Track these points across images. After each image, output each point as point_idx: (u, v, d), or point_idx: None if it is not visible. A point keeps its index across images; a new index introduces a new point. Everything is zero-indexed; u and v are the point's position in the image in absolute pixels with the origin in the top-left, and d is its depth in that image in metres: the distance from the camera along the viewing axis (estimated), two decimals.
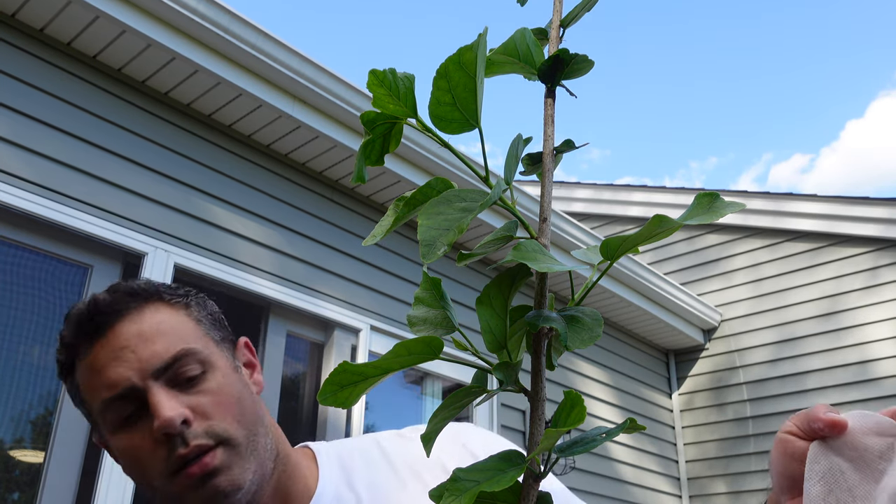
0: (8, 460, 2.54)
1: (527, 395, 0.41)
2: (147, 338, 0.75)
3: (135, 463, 0.74)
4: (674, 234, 0.40)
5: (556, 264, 0.38)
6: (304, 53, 3.13)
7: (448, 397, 0.44)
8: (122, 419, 0.74)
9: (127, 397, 0.73)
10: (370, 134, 0.46)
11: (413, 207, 0.43)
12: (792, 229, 5.49)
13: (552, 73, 0.45)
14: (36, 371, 2.58)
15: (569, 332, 0.39)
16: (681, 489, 5.55)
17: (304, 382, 3.45)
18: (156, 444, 0.72)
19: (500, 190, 0.40)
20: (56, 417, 2.54)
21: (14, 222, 2.60)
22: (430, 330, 0.43)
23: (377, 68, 0.43)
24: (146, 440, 0.72)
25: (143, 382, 0.73)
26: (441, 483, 0.39)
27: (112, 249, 2.80)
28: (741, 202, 0.40)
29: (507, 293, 0.43)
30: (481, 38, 0.41)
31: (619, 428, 0.39)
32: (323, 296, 3.39)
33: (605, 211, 6.37)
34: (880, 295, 5.07)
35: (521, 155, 0.46)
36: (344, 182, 3.62)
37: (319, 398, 0.44)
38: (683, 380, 5.84)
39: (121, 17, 2.71)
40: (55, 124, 2.73)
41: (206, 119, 3.21)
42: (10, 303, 2.58)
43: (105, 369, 0.74)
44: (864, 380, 5.00)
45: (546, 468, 0.40)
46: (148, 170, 2.96)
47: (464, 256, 0.41)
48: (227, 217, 3.15)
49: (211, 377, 0.76)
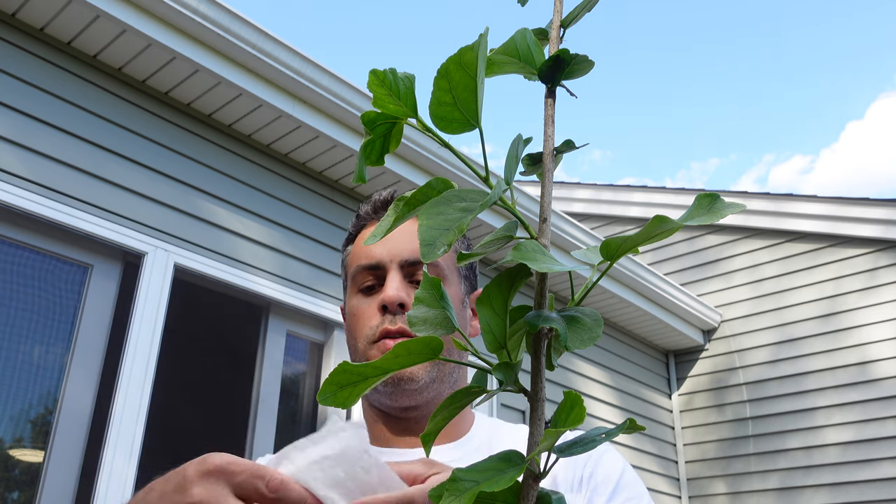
0: (7, 460, 2.54)
1: (526, 396, 0.41)
2: (411, 235, 0.92)
3: (355, 322, 0.92)
4: (674, 234, 0.40)
5: (556, 264, 0.38)
6: (304, 53, 3.13)
7: (448, 397, 0.44)
8: (363, 286, 0.93)
9: (374, 270, 0.92)
10: (370, 134, 0.46)
11: (413, 207, 0.43)
12: (792, 230, 5.49)
13: (552, 73, 0.45)
14: (36, 370, 2.58)
15: (569, 333, 0.39)
16: (680, 490, 5.55)
17: (304, 382, 3.45)
18: (375, 312, 0.90)
19: (500, 190, 0.40)
20: (56, 417, 2.54)
21: (14, 222, 2.60)
22: (429, 330, 0.43)
23: (377, 68, 0.43)
24: (371, 307, 0.90)
25: (390, 264, 0.91)
26: (441, 483, 0.39)
27: (112, 249, 2.80)
28: (741, 203, 0.40)
29: (507, 293, 0.43)
30: (482, 39, 0.41)
31: (618, 428, 0.39)
32: (323, 296, 3.39)
33: (605, 211, 6.37)
34: (880, 296, 5.07)
35: (521, 155, 0.46)
36: (344, 182, 3.62)
37: (319, 398, 0.44)
38: (683, 380, 5.84)
39: (121, 17, 2.71)
40: (55, 124, 2.73)
41: (206, 119, 3.21)
42: (10, 302, 2.58)
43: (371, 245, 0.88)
44: (863, 380, 5.00)
45: (546, 468, 0.40)
46: (148, 169, 2.96)
47: (464, 256, 0.41)
48: (227, 217, 3.16)
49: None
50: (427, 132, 0.44)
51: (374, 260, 0.92)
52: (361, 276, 0.93)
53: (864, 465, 4.87)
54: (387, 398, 0.89)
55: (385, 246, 0.91)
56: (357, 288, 0.93)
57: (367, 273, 0.92)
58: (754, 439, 5.38)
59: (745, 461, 5.38)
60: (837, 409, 5.07)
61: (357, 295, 0.93)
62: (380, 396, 0.90)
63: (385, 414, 0.92)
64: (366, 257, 0.92)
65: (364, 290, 0.93)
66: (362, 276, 0.93)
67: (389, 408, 0.91)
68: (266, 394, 3.15)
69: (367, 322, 0.90)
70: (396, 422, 0.91)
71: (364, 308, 0.91)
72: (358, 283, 0.93)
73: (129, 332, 2.73)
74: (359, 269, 0.93)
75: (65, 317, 2.68)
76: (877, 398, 4.92)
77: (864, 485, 4.84)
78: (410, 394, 0.88)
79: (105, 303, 2.76)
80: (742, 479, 5.36)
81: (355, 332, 0.92)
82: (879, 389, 4.92)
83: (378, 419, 0.93)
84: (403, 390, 0.88)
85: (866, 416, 4.93)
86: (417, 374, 0.87)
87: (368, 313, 0.90)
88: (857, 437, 4.93)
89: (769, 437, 5.31)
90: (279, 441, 3.16)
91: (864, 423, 4.93)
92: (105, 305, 2.76)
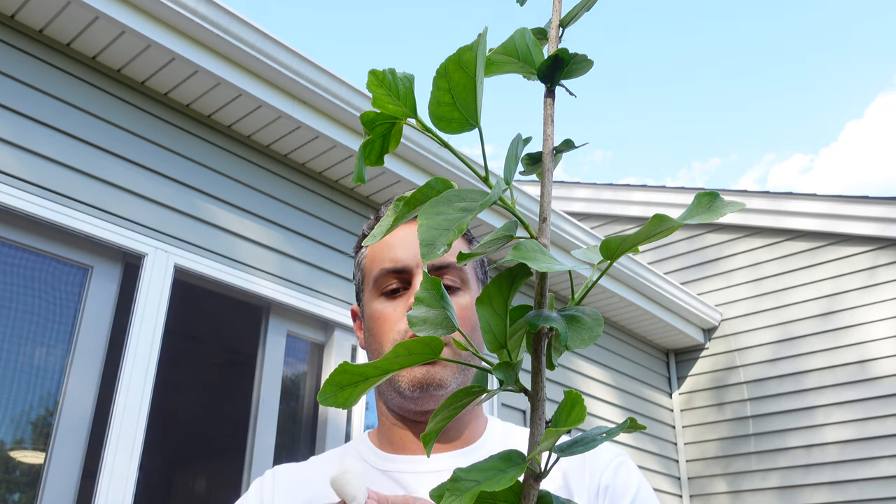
0: (8, 461, 2.54)
1: (527, 395, 0.41)
2: None
3: (378, 326, 0.91)
4: (674, 233, 0.40)
5: (556, 264, 0.38)
6: (303, 54, 3.12)
7: (448, 397, 0.44)
8: (387, 289, 0.92)
9: (399, 273, 0.91)
10: (370, 134, 0.46)
11: (413, 207, 0.43)
12: (792, 228, 5.49)
13: (551, 72, 0.45)
14: (36, 372, 2.58)
15: (569, 332, 0.39)
16: (681, 488, 5.55)
17: (304, 382, 3.45)
18: (401, 317, 0.89)
19: (500, 190, 0.40)
20: (56, 418, 2.54)
21: (14, 223, 2.59)
22: (430, 330, 0.43)
23: (377, 68, 0.43)
24: (396, 312, 0.90)
25: (416, 268, 0.90)
26: (441, 483, 0.39)
27: (112, 250, 2.80)
28: (741, 201, 0.40)
29: (507, 293, 0.43)
30: (481, 38, 0.41)
31: (619, 427, 0.39)
32: (323, 296, 3.39)
33: (604, 210, 6.37)
34: (879, 294, 5.07)
35: (520, 155, 0.46)
36: (344, 182, 3.62)
37: (320, 398, 0.44)
38: (683, 379, 5.84)
39: (120, 18, 2.71)
40: (55, 125, 2.73)
41: (205, 119, 3.21)
42: (10, 304, 2.58)
43: (395, 248, 0.92)
44: (863, 379, 5.00)
45: (547, 468, 0.40)
46: (148, 170, 2.96)
47: (464, 256, 0.41)
48: (227, 217, 3.15)
49: (463, 295, 0.92)
50: (426, 132, 0.44)
51: (400, 264, 0.91)
52: (385, 280, 0.92)
53: (863, 464, 4.87)
54: (412, 403, 0.88)
55: (411, 250, 0.91)
56: (379, 291, 0.92)
57: (392, 276, 0.91)
58: (755, 438, 5.38)
59: (745, 460, 5.39)
60: (837, 407, 5.07)
61: (379, 298, 0.92)
62: (404, 402, 0.89)
63: (404, 418, 0.91)
64: (390, 261, 0.91)
65: (387, 293, 0.92)
66: (386, 279, 0.92)
67: (411, 412, 0.90)
68: (266, 394, 3.15)
69: (393, 327, 0.89)
70: (415, 426, 0.91)
71: (389, 312, 0.90)
72: (381, 287, 0.92)
73: (129, 333, 2.73)
74: (382, 273, 0.92)
75: (65, 318, 2.68)
76: (876, 396, 4.92)
77: (864, 483, 4.84)
78: (437, 399, 0.87)
79: (105, 304, 2.76)
80: (742, 477, 5.37)
81: (380, 336, 0.90)
82: (879, 387, 4.92)
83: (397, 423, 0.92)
84: (431, 396, 0.87)
85: (866, 415, 4.93)
86: (447, 380, 0.87)
87: (394, 317, 0.89)
88: (857, 436, 4.93)
89: (769, 435, 5.31)
90: (279, 442, 3.16)
91: (864, 421, 4.93)
92: (105, 307, 2.76)
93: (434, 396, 0.87)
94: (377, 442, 0.94)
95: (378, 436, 0.95)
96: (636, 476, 0.87)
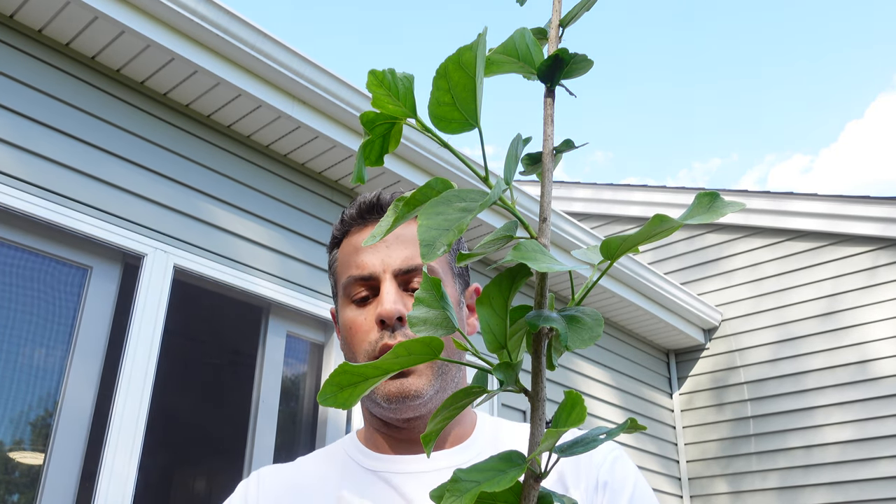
0: (8, 462, 2.54)
1: (527, 396, 0.40)
2: (403, 242, 0.89)
3: (351, 336, 0.88)
4: (674, 233, 0.40)
5: (556, 264, 0.38)
6: (303, 54, 3.12)
7: (448, 398, 0.43)
8: (356, 297, 0.89)
9: (366, 280, 0.88)
10: (370, 134, 0.46)
11: (413, 207, 0.43)
12: (792, 228, 5.49)
13: (551, 72, 0.45)
14: (36, 372, 2.58)
15: (569, 332, 0.39)
16: (681, 489, 5.55)
17: (304, 383, 3.45)
18: (372, 326, 0.86)
19: (500, 190, 0.40)
20: (56, 419, 2.54)
21: (13, 224, 2.59)
22: (430, 330, 0.43)
23: (376, 68, 0.43)
24: (367, 321, 0.87)
25: (383, 274, 0.87)
26: (442, 483, 0.39)
27: (111, 250, 2.80)
28: (741, 201, 0.40)
29: (507, 293, 0.42)
30: (481, 38, 0.41)
31: (619, 428, 0.39)
32: (323, 296, 3.38)
33: (605, 211, 6.37)
34: (880, 294, 5.07)
35: (520, 155, 0.46)
36: (344, 182, 3.62)
37: (319, 399, 0.44)
38: (684, 379, 5.84)
39: (120, 18, 2.71)
40: (54, 125, 2.73)
41: (205, 119, 3.21)
42: (9, 304, 2.58)
43: (360, 253, 0.89)
44: (863, 379, 5.00)
45: (547, 468, 0.40)
46: (147, 170, 2.95)
47: (463, 256, 0.41)
48: (227, 217, 3.15)
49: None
50: (426, 132, 0.44)
51: (367, 271, 0.88)
52: (353, 288, 0.89)
53: (864, 464, 4.87)
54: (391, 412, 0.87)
55: (377, 255, 0.88)
56: (349, 299, 0.90)
57: (359, 284, 0.89)
58: (755, 438, 5.38)
59: (745, 460, 5.38)
60: (837, 407, 5.07)
61: (350, 306, 0.90)
62: (382, 411, 0.88)
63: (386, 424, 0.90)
64: (357, 267, 0.89)
65: (357, 301, 0.89)
66: (354, 287, 0.89)
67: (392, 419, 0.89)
68: (266, 395, 3.15)
69: (364, 337, 0.87)
70: (398, 431, 0.90)
71: (360, 321, 0.88)
72: (350, 295, 0.90)
73: (128, 333, 2.72)
74: (350, 281, 0.89)
75: (64, 319, 2.68)
76: (877, 397, 4.92)
77: (864, 483, 4.84)
78: (415, 408, 0.86)
79: (105, 304, 2.76)
80: (743, 477, 5.36)
81: (353, 346, 0.89)
82: (879, 388, 4.92)
83: (379, 429, 0.91)
84: (408, 406, 0.85)
85: (866, 415, 4.93)
86: (423, 390, 0.85)
87: (365, 327, 0.87)
88: (857, 436, 4.93)
89: (770, 435, 5.31)
90: (279, 442, 3.16)
91: (864, 421, 4.93)
92: (105, 307, 2.76)
93: (411, 406, 0.85)
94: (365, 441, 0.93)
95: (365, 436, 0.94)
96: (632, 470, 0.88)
